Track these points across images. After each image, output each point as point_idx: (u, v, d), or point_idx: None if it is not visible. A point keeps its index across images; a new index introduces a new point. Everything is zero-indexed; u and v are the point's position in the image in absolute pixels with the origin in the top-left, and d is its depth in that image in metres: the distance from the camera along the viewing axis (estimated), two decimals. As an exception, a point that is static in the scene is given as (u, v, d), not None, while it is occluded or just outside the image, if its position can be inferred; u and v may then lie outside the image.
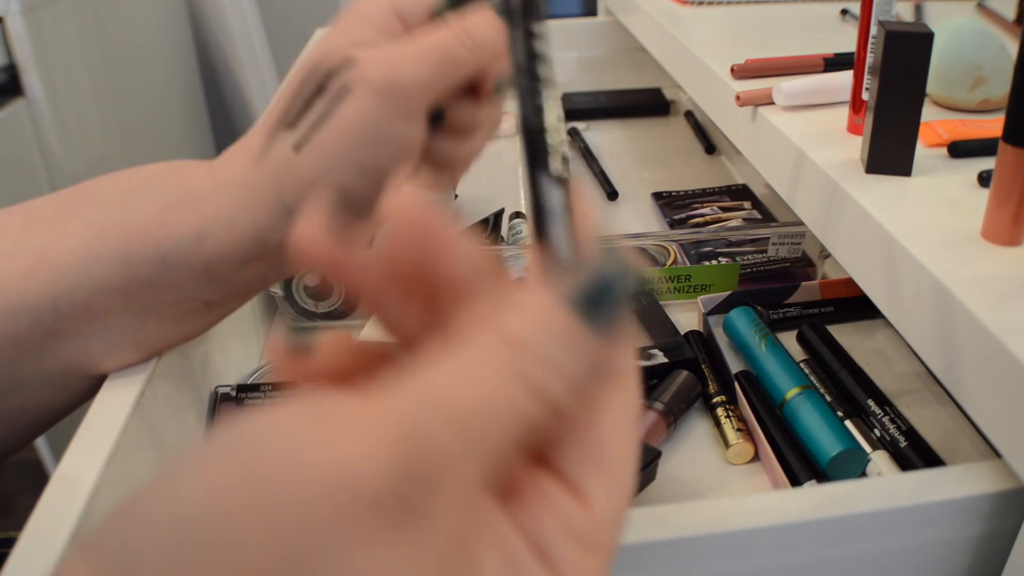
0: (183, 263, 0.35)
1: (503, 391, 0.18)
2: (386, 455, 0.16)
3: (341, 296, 0.62)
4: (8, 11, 0.95)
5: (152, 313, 0.36)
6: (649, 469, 0.45)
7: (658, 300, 0.63)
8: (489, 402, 0.18)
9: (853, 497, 0.33)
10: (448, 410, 0.17)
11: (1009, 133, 0.35)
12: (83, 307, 0.35)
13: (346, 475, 0.16)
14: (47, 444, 1.00)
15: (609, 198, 0.82)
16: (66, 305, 0.35)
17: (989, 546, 0.34)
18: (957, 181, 0.44)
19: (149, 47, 1.39)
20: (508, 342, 0.18)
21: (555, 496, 0.19)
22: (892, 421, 0.48)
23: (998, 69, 0.52)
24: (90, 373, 0.38)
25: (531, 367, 0.18)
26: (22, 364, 0.36)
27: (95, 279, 0.35)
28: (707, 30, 0.74)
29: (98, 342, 0.36)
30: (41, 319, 0.35)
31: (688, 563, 0.32)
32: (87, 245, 0.35)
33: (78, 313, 0.35)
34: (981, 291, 0.34)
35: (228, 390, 0.49)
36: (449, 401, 0.17)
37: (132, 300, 0.35)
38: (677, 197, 0.80)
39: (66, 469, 0.34)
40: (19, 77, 0.98)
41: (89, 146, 1.11)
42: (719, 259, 0.65)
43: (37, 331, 0.35)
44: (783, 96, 0.53)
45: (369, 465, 0.16)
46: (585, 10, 1.83)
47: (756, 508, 0.32)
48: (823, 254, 0.66)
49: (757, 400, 0.51)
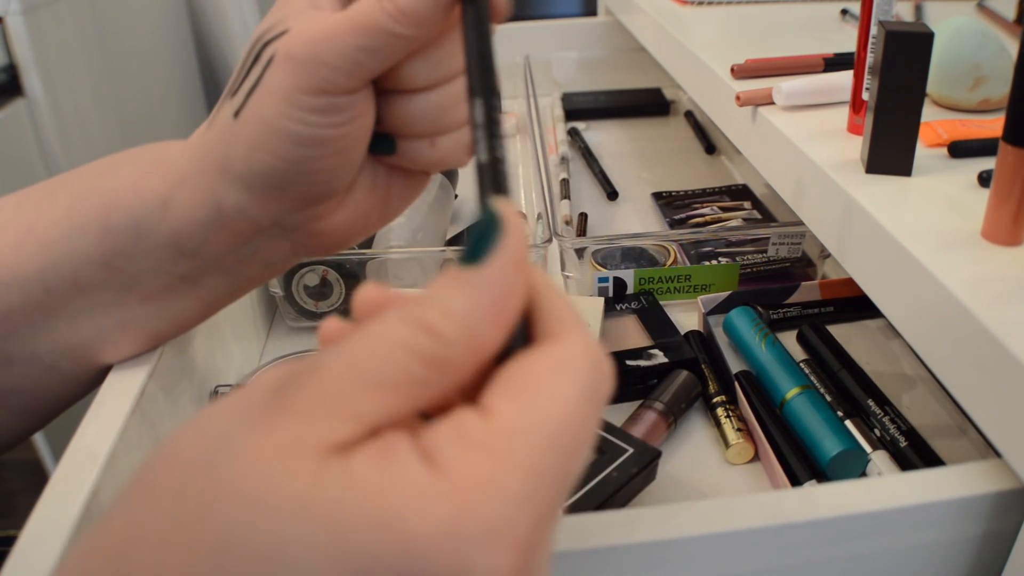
0: (153, 231, 0.35)
1: (394, 331, 0.20)
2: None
3: (341, 296, 0.62)
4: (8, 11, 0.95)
5: (132, 287, 0.36)
6: (649, 469, 0.45)
7: (658, 300, 0.63)
8: (379, 341, 0.20)
9: (853, 497, 0.33)
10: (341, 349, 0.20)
11: (1009, 133, 0.35)
12: (69, 281, 0.36)
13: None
14: (47, 444, 1.00)
15: (609, 198, 0.82)
16: (53, 279, 0.35)
17: (989, 546, 0.34)
18: (957, 181, 0.44)
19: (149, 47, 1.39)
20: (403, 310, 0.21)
21: (457, 413, 0.20)
22: (892, 421, 0.48)
23: (998, 69, 0.52)
24: (83, 357, 0.38)
25: (418, 311, 0.20)
26: (13, 340, 0.36)
27: (78, 251, 0.35)
28: (707, 30, 0.74)
29: (86, 320, 0.37)
30: (30, 294, 0.36)
31: (688, 563, 0.32)
32: (71, 216, 0.35)
33: (64, 287, 0.36)
34: (981, 291, 0.34)
35: (228, 390, 0.49)
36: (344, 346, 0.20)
37: (112, 273, 0.36)
38: (677, 197, 0.80)
39: (66, 469, 0.34)
40: (19, 77, 0.98)
41: (89, 146, 1.11)
42: (719, 259, 0.65)
43: (28, 306, 0.36)
44: (783, 96, 0.53)
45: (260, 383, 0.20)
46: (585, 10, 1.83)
47: (756, 508, 0.32)
48: (823, 254, 0.66)
49: (757, 400, 0.51)
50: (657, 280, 0.64)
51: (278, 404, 0.20)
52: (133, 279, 0.36)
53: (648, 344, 0.57)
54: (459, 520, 0.18)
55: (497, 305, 0.21)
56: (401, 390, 0.20)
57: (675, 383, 0.52)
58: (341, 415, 0.19)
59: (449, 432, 0.19)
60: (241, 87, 0.33)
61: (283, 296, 0.62)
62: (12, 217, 0.37)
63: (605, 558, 0.31)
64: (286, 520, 0.18)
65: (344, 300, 0.62)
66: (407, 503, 0.18)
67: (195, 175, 0.35)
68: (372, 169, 0.36)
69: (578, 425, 0.20)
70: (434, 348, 0.20)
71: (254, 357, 0.60)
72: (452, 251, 0.62)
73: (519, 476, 0.19)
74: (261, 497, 0.18)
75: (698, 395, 0.53)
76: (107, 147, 1.17)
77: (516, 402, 0.20)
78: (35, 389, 0.38)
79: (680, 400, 0.52)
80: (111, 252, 0.35)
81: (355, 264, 0.61)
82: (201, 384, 0.48)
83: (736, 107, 0.56)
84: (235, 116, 0.33)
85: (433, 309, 0.20)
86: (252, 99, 0.33)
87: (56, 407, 0.40)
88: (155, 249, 0.35)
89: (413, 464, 0.19)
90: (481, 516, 0.18)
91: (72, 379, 0.39)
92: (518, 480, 0.19)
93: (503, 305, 0.21)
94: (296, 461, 0.19)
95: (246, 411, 0.20)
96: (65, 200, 0.36)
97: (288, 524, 0.18)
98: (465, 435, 0.19)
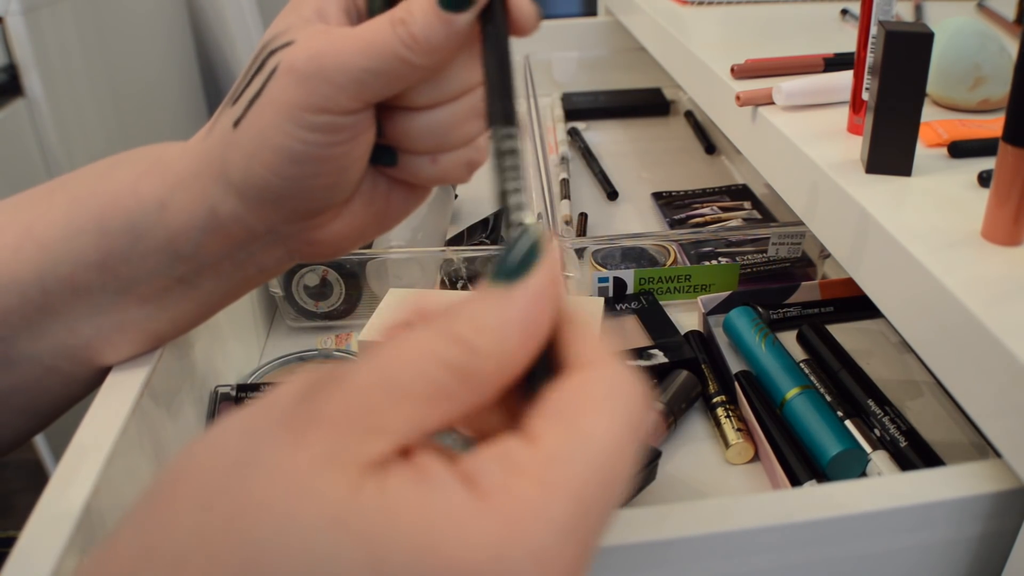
0: (150, 233, 0.35)
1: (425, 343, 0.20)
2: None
3: (341, 296, 0.62)
4: (8, 11, 0.95)
5: (129, 289, 0.36)
6: (649, 469, 0.45)
7: (658, 300, 0.63)
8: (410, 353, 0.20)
9: (853, 497, 0.33)
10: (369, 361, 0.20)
11: (1009, 133, 0.35)
12: (67, 283, 0.35)
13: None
14: (47, 444, 1.00)
15: (609, 198, 0.82)
16: (51, 281, 0.35)
17: (989, 546, 0.34)
18: (957, 181, 0.44)
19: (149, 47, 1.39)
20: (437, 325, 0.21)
21: (501, 439, 0.20)
22: (892, 421, 0.48)
23: (998, 69, 0.52)
24: (82, 358, 0.38)
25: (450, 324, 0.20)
26: (12, 342, 0.36)
27: (75, 252, 0.35)
28: (707, 30, 0.74)
29: (84, 321, 0.37)
30: (29, 296, 0.35)
31: (688, 563, 0.32)
32: (68, 217, 0.35)
33: (63, 289, 0.36)
34: (981, 291, 0.34)
35: (228, 390, 0.49)
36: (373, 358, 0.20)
37: (109, 275, 0.36)
38: (677, 197, 0.80)
39: (66, 469, 0.34)
40: (19, 77, 0.98)
41: (89, 146, 1.11)
42: (719, 259, 0.65)
43: (26, 308, 0.36)
44: (783, 96, 0.53)
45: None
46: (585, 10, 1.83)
47: (756, 508, 0.32)
48: (823, 254, 0.66)
49: (757, 400, 0.51)
50: (657, 280, 0.64)
51: (305, 416, 0.19)
52: (130, 281, 0.36)
53: (648, 344, 0.57)
54: (507, 545, 0.18)
55: (529, 324, 0.21)
56: (431, 403, 0.19)
57: (675, 383, 0.52)
58: (373, 428, 0.19)
59: (493, 457, 0.19)
60: (242, 96, 0.33)
61: (283, 296, 0.62)
62: (10, 219, 0.36)
63: (604, 558, 0.31)
64: (321, 536, 0.17)
65: (344, 300, 0.62)
66: (451, 527, 0.18)
67: (192, 179, 0.34)
68: (372, 180, 0.36)
69: (622, 455, 0.20)
70: (465, 360, 0.20)
71: (254, 357, 0.60)
72: (452, 251, 0.62)
73: (566, 504, 0.18)
74: (293, 513, 0.18)
75: (698, 395, 0.53)
76: (107, 147, 1.17)
77: (563, 429, 0.19)
78: (35, 390, 0.38)
79: (680, 400, 0.52)
80: (108, 254, 0.35)
81: (355, 264, 0.61)
82: (201, 384, 0.48)
83: (736, 107, 0.56)
84: (234, 126, 0.33)
85: (465, 322, 0.20)
86: (252, 111, 0.32)
87: (56, 408, 0.40)
88: (152, 251, 0.35)
89: (455, 488, 0.18)
90: (529, 542, 0.18)
91: (72, 380, 0.39)
92: (565, 508, 0.18)
93: (535, 325, 0.21)
94: (331, 476, 0.18)
95: (270, 423, 0.19)
96: (63, 202, 0.36)
97: (323, 541, 0.17)
98: (510, 461, 0.19)
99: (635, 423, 0.20)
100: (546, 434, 0.19)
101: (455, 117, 0.33)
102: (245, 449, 0.19)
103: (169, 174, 0.35)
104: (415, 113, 0.33)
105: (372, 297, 0.63)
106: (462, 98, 0.33)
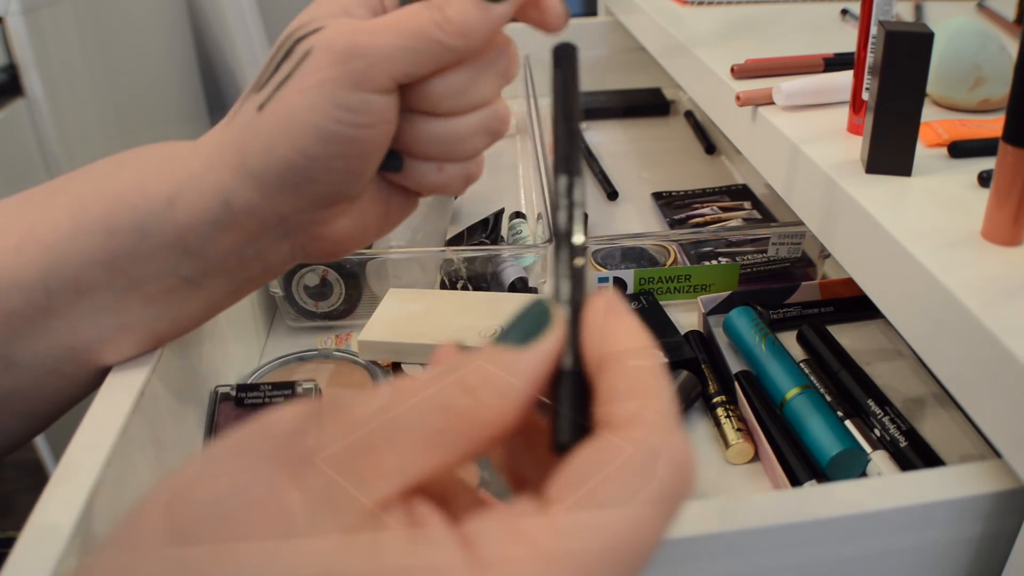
0: (158, 231, 0.35)
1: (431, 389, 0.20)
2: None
3: (341, 296, 0.62)
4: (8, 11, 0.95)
5: (134, 289, 0.36)
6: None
7: (658, 300, 0.63)
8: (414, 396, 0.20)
9: (853, 497, 0.33)
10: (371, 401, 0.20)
11: (1009, 133, 0.35)
12: (71, 283, 0.35)
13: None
14: (47, 444, 1.00)
15: (609, 198, 0.82)
16: (55, 282, 0.35)
17: (989, 546, 0.34)
18: (957, 181, 0.44)
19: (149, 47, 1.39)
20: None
21: (516, 500, 0.19)
22: (892, 421, 0.48)
23: (998, 69, 0.52)
24: (84, 359, 0.38)
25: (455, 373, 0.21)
26: (14, 343, 0.36)
27: (81, 252, 0.35)
28: (707, 30, 0.74)
29: (87, 322, 0.37)
30: (31, 297, 0.35)
31: (688, 563, 0.32)
32: (73, 218, 0.35)
33: (66, 290, 0.36)
34: (981, 291, 0.34)
35: (228, 390, 0.49)
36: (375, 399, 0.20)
37: (115, 274, 0.36)
38: (677, 197, 0.80)
39: (66, 468, 0.34)
40: (19, 77, 0.98)
41: (89, 146, 1.11)
42: (719, 259, 0.65)
43: (28, 309, 0.36)
44: (783, 96, 0.53)
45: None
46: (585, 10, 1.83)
47: (756, 508, 0.32)
48: (823, 254, 0.66)
49: (757, 400, 0.51)
50: (657, 280, 0.64)
51: (302, 451, 0.19)
52: (136, 281, 0.36)
53: (648, 344, 0.57)
54: None
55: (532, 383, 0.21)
56: (431, 449, 0.19)
57: (675, 383, 0.52)
58: (372, 470, 0.18)
59: (499, 519, 0.18)
60: (269, 81, 0.33)
61: (283, 296, 0.62)
62: (13, 219, 0.36)
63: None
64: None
65: (344, 300, 0.62)
66: None
67: (205, 172, 0.35)
68: (377, 182, 0.37)
69: (646, 531, 0.18)
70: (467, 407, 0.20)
71: (254, 357, 0.60)
72: (452, 251, 0.62)
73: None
74: (281, 552, 0.17)
75: (698, 395, 0.53)
76: (107, 147, 1.17)
77: (580, 499, 0.18)
78: (36, 391, 0.38)
79: (680, 400, 0.52)
80: (115, 254, 0.35)
81: (355, 264, 0.61)
82: (201, 384, 0.48)
83: (736, 107, 0.56)
84: (259, 109, 0.33)
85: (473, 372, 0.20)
86: (281, 92, 0.33)
87: (57, 409, 0.40)
88: (159, 250, 0.35)
89: (451, 548, 0.18)
90: None
91: (73, 381, 0.39)
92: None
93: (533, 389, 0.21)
94: (324, 520, 0.18)
95: (261, 455, 0.19)
96: (67, 202, 0.36)
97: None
98: (516, 527, 0.18)
99: (670, 495, 0.19)
100: (561, 499, 0.18)
101: (468, 129, 0.35)
102: (235, 480, 0.18)
103: (179, 170, 0.35)
104: (435, 119, 0.34)
105: (372, 297, 0.63)
106: (478, 111, 0.35)
